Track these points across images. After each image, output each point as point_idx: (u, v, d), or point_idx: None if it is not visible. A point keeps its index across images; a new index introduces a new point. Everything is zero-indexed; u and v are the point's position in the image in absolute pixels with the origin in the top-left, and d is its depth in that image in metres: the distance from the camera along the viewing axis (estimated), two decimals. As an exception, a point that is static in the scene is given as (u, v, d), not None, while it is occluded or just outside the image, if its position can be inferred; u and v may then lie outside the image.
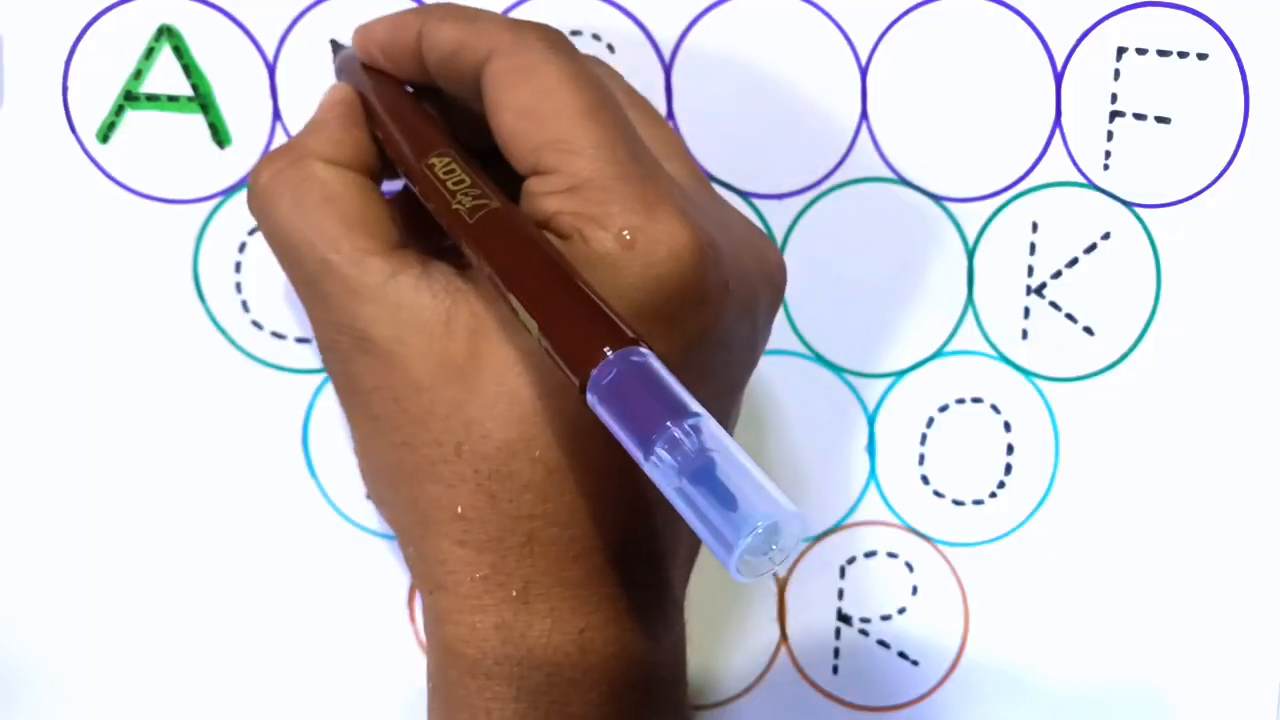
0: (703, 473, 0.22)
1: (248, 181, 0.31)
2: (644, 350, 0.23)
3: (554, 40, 0.30)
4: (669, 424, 0.22)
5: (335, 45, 0.36)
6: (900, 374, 0.39)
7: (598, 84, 0.29)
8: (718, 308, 0.28)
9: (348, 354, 0.30)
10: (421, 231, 0.31)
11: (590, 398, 0.23)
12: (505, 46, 0.29)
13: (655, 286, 0.27)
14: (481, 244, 0.27)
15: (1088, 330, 0.39)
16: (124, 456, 0.38)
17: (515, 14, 0.36)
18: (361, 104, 0.32)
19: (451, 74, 0.31)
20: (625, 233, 0.27)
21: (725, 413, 0.31)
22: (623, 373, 0.23)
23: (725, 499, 0.21)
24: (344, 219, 0.30)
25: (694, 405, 0.22)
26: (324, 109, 0.32)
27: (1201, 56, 0.37)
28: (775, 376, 0.39)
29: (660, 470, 0.22)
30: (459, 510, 0.28)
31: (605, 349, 0.23)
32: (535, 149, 0.28)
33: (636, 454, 0.22)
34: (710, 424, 0.22)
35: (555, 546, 0.28)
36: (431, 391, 0.28)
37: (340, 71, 0.34)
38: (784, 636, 0.40)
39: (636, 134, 0.29)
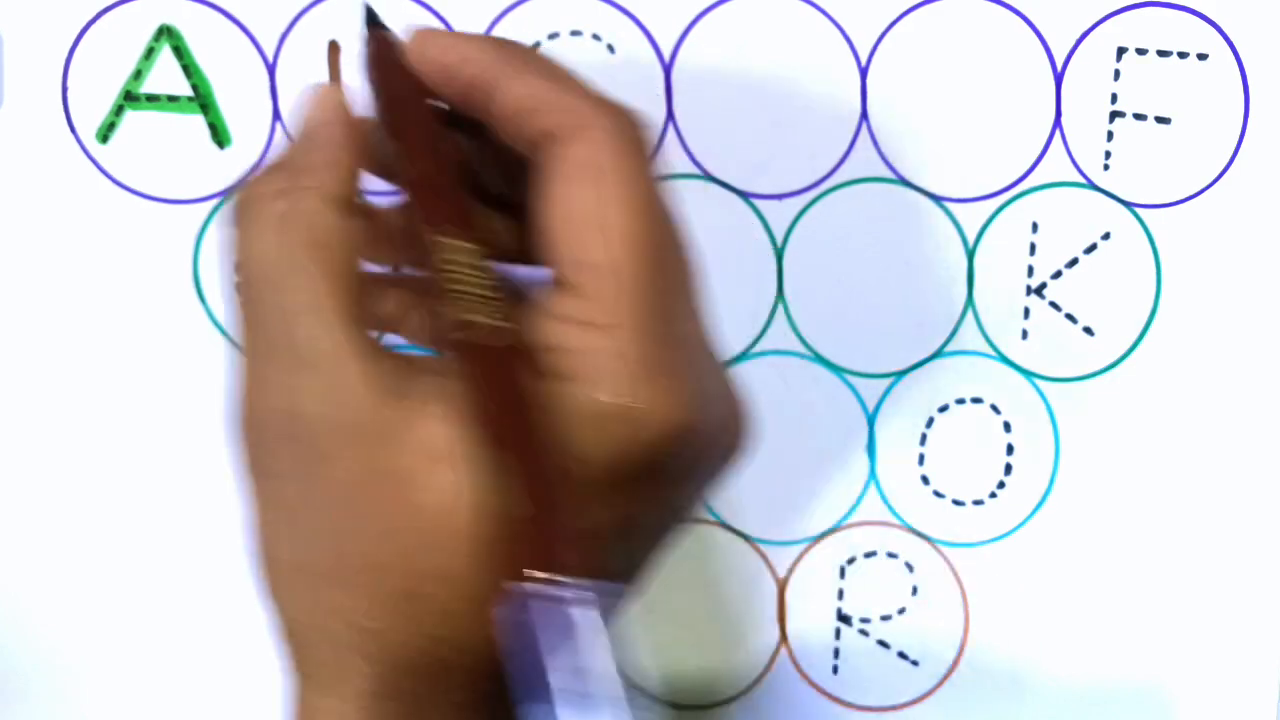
0: None
1: (238, 189, 0.28)
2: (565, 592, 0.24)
3: (632, 138, 0.27)
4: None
5: (370, 16, 0.30)
6: (900, 374, 0.39)
7: (661, 213, 0.27)
8: (677, 484, 0.28)
9: (275, 421, 0.28)
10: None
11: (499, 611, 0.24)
12: (581, 128, 0.27)
13: (635, 456, 0.26)
14: (472, 370, 0.26)
15: (1088, 330, 0.39)
16: (124, 456, 0.38)
17: (515, 14, 0.36)
18: (361, 124, 0.29)
19: (512, 129, 0.28)
20: (629, 400, 0.26)
21: (645, 562, 0.30)
22: (532, 608, 0.24)
23: None
24: (328, 272, 0.27)
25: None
26: (332, 138, 0.29)
27: (1201, 56, 0.37)
28: (775, 376, 0.39)
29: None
30: (371, 626, 0.27)
31: (532, 570, 0.24)
32: (575, 262, 0.27)
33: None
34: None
35: (457, 672, 0.27)
36: (363, 505, 0.27)
37: (371, 60, 0.29)
38: (784, 636, 0.40)
39: (679, 283, 0.28)
